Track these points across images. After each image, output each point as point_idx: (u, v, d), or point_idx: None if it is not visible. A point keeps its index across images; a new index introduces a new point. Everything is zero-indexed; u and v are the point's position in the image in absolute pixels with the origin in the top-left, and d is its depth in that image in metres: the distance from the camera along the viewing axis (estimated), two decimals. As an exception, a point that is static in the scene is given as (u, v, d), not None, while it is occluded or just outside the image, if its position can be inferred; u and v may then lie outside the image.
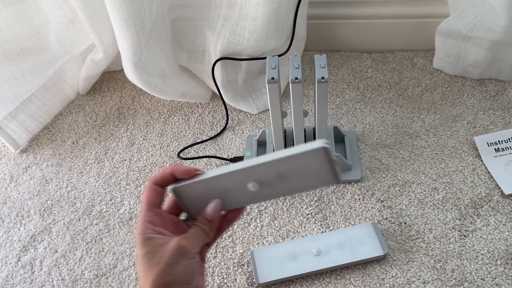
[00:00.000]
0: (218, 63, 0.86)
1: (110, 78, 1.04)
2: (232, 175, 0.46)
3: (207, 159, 0.84)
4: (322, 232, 0.71)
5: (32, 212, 0.80)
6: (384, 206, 0.73)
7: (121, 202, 0.79)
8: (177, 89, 0.91)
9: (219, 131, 0.89)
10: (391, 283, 0.65)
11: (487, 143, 0.79)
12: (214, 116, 0.93)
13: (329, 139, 0.77)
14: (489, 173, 0.75)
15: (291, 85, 0.65)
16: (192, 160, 0.84)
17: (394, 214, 0.72)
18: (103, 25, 0.85)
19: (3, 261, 0.74)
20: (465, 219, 0.70)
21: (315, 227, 0.72)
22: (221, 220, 0.50)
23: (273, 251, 0.68)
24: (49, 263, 0.72)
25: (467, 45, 0.87)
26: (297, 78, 0.64)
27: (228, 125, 0.90)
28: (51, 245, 0.75)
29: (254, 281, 0.66)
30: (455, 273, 0.65)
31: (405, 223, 0.71)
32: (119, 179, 0.83)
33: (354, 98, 0.92)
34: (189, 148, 0.87)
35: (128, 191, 0.81)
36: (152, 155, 0.87)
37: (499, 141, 0.78)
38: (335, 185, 0.76)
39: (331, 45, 1.03)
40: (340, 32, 1.01)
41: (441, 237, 0.69)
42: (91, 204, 0.80)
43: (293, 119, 0.70)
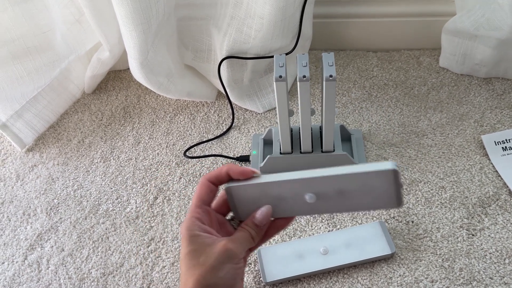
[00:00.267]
0: (224, 62, 0.86)
1: (115, 77, 1.04)
2: (291, 183, 0.45)
3: (213, 158, 0.84)
4: (329, 231, 0.71)
5: (38, 210, 0.80)
6: (391, 205, 0.73)
7: (128, 200, 0.79)
8: (183, 88, 0.91)
9: (225, 130, 0.89)
10: (398, 282, 0.64)
11: (495, 141, 0.78)
12: (220, 115, 0.92)
13: (335, 138, 0.76)
14: (496, 171, 0.75)
15: (298, 83, 0.64)
16: (198, 159, 0.84)
17: (401, 213, 0.72)
18: (109, 24, 0.85)
19: (10, 259, 0.74)
20: (473, 218, 0.70)
21: (322, 226, 0.72)
22: (268, 226, 0.49)
23: (280, 250, 0.68)
24: (56, 261, 0.73)
25: (474, 43, 0.87)
26: (305, 76, 0.64)
27: (234, 124, 0.90)
28: (58, 243, 0.75)
29: (261, 279, 0.66)
30: (463, 272, 0.64)
31: (413, 222, 0.71)
32: (125, 178, 0.83)
33: (360, 97, 0.92)
34: (195, 147, 0.87)
35: (134, 189, 0.81)
36: (158, 154, 0.86)
37: (506, 140, 0.78)
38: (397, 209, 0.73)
39: (337, 44, 1.03)
40: (345, 31, 1.00)
41: (449, 236, 0.68)
42: (97, 202, 0.80)
43: (300, 118, 0.70)
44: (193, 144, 0.87)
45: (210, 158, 0.84)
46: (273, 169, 0.77)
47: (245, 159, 0.82)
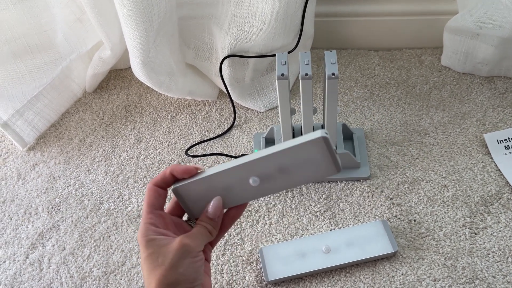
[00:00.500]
0: (225, 60, 0.86)
1: (117, 76, 1.04)
2: (232, 171, 0.45)
3: (214, 156, 0.84)
4: (331, 229, 0.71)
5: (40, 209, 0.80)
6: (393, 203, 0.73)
7: (129, 199, 0.79)
8: (184, 87, 0.90)
9: (226, 128, 0.89)
10: (401, 280, 0.64)
11: (497, 140, 0.78)
12: (221, 114, 0.92)
13: (337, 136, 0.76)
14: (499, 170, 0.75)
15: (301, 81, 0.64)
16: (199, 158, 0.84)
17: (403, 211, 0.72)
18: (110, 22, 0.85)
19: (11, 258, 0.74)
20: (475, 216, 0.70)
21: (324, 224, 0.72)
22: (223, 218, 0.49)
23: (282, 248, 0.68)
24: (57, 260, 0.72)
25: (476, 42, 0.87)
26: (307, 74, 0.64)
27: (235, 123, 0.90)
28: (59, 242, 0.75)
29: (263, 278, 0.66)
30: (465, 271, 0.64)
31: (415, 221, 0.70)
32: (127, 176, 0.83)
33: (362, 95, 0.91)
34: (197, 146, 0.87)
35: (135, 188, 0.81)
36: (159, 152, 0.86)
37: (509, 138, 0.78)
38: (337, 175, 0.74)
39: (339, 43, 1.03)
40: (347, 29, 1.00)
41: (451, 234, 0.68)
42: (99, 201, 0.80)
43: (302, 116, 0.70)
44: (194, 143, 0.87)
45: (211, 157, 0.84)
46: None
47: (246, 158, 0.82)
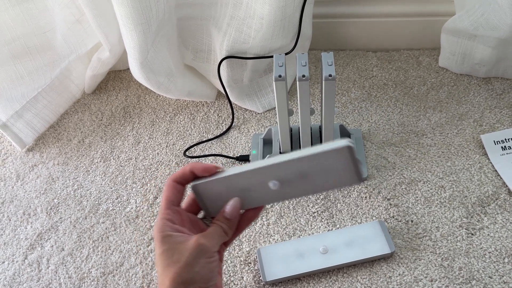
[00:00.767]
0: (224, 62, 0.86)
1: (116, 77, 1.04)
2: (253, 173, 0.45)
3: (212, 157, 0.84)
4: (328, 230, 0.71)
5: (38, 210, 0.80)
6: (390, 204, 0.73)
7: (128, 200, 0.79)
8: (183, 88, 0.91)
9: (224, 129, 0.89)
10: (398, 281, 0.64)
11: (494, 141, 0.78)
12: (219, 115, 0.93)
13: (335, 138, 0.77)
14: (496, 171, 0.75)
15: (298, 82, 0.65)
16: (198, 158, 0.84)
17: (400, 212, 0.72)
18: (109, 24, 0.86)
19: (10, 259, 0.74)
20: (472, 217, 0.70)
21: (322, 225, 0.72)
22: (239, 219, 0.49)
23: (279, 249, 0.68)
24: (56, 261, 0.73)
25: (473, 43, 0.87)
26: (304, 75, 0.64)
27: (233, 124, 0.90)
28: (58, 243, 0.75)
29: (261, 279, 0.66)
30: (462, 271, 0.64)
31: (412, 221, 0.71)
32: (125, 177, 0.83)
33: (359, 96, 0.92)
34: (195, 146, 0.87)
35: (134, 189, 0.81)
36: (158, 153, 0.87)
37: (506, 139, 0.78)
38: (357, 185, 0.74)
39: (336, 44, 1.03)
40: (345, 31, 1.01)
41: (448, 235, 0.68)
42: (97, 202, 0.80)
43: (300, 117, 0.70)
44: (193, 143, 0.87)
45: (210, 157, 0.84)
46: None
47: (244, 158, 0.82)
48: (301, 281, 0.66)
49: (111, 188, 0.82)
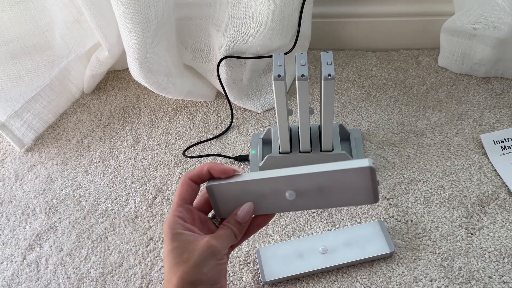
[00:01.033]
0: (223, 61, 0.86)
1: (114, 77, 1.04)
2: (272, 181, 0.45)
3: (212, 157, 0.84)
4: (328, 230, 0.71)
5: (37, 210, 0.80)
6: (390, 204, 0.73)
7: (127, 200, 0.79)
8: (182, 88, 0.91)
9: (224, 129, 0.89)
10: (398, 281, 0.64)
11: (493, 141, 0.78)
12: (219, 114, 0.92)
13: (334, 137, 0.76)
14: (495, 171, 0.75)
15: (297, 82, 0.64)
16: (197, 158, 0.84)
17: (400, 212, 0.72)
18: (108, 23, 0.85)
19: (9, 259, 0.74)
20: (471, 217, 0.70)
21: (321, 225, 0.72)
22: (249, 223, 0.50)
23: (279, 249, 0.68)
24: (54, 261, 0.72)
25: (473, 43, 0.87)
26: (303, 75, 0.64)
27: (233, 124, 0.90)
28: (57, 243, 0.75)
29: (260, 279, 0.66)
30: (462, 271, 0.64)
31: (412, 221, 0.71)
32: (124, 177, 0.83)
33: (359, 96, 0.92)
34: (194, 146, 0.87)
35: (133, 189, 0.81)
36: (157, 153, 0.86)
37: (505, 139, 0.78)
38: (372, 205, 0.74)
39: (336, 44, 1.03)
40: (344, 30, 1.01)
41: (448, 235, 0.68)
42: (96, 202, 0.80)
43: (299, 117, 0.70)
44: (192, 143, 0.87)
45: (209, 157, 0.84)
46: (272, 168, 0.76)
47: (244, 158, 0.82)
48: (300, 281, 0.66)
49: (110, 188, 0.82)
